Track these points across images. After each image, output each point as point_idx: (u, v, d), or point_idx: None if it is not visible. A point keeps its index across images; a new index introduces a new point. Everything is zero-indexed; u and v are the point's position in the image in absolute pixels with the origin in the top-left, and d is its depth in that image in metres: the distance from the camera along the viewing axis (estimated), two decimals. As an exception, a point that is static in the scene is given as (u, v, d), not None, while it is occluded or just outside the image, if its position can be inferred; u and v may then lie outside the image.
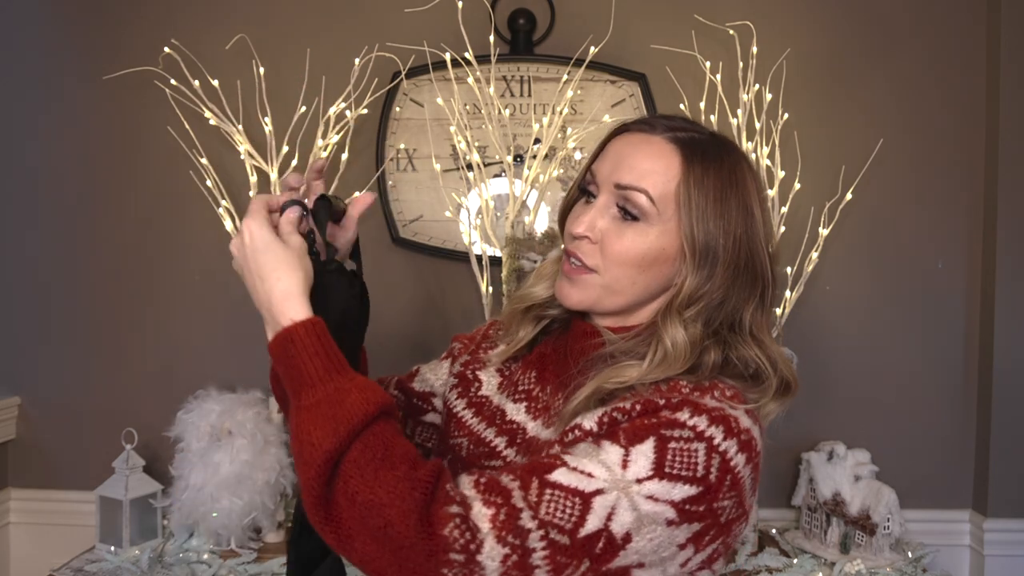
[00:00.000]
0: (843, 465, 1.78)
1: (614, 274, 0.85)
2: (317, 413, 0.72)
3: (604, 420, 0.79)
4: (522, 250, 1.77)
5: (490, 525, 0.70)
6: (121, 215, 1.96)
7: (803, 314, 1.91)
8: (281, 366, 0.76)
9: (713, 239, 0.83)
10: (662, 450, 0.73)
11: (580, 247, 0.87)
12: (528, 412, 0.92)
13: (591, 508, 0.71)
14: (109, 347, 1.97)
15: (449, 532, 0.69)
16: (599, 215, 0.86)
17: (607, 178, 0.87)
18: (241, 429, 1.69)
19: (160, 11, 1.93)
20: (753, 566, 1.70)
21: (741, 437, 0.76)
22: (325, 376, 0.74)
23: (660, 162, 0.84)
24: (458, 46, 1.83)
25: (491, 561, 0.69)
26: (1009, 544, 1.87)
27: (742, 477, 0.76)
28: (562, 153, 1.86)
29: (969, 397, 1.94)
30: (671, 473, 0.72)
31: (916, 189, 1.93)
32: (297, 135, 1.84)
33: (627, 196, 0.84)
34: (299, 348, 0.75)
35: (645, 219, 0.84)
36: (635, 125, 0.89)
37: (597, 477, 0.72)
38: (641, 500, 0.72)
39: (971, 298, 1.93)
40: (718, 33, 1.86)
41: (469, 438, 0.95)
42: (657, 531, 0.72)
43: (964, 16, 1.91)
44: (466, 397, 0.99)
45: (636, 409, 0.78)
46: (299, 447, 0.72)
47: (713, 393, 0.80)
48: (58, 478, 1.97)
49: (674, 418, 0.76)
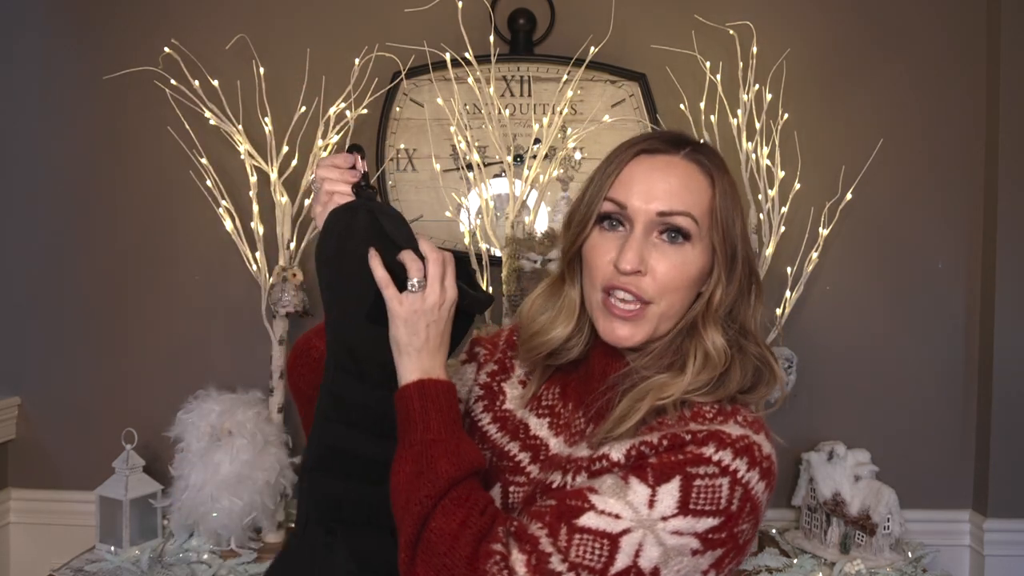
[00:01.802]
0: (843, 465, 1.78)
1: (670, 300, 0.85)
2: (438, 452, 0.81)
3: (632, 453, 0.81)
4: (522, 250, 1.77)
5: (525, 569, 0.74)
6: (121, 215, 1.96)
7: (803, 314, 1.91)
8: (423, 404, 0.84)
9: (735, 243, 0.87)
10: (687, 488, 0.75)
11: (635, 283, 0.85)
12: (551, 428, 0.94)
13: (619, 547, 0.74)
14: (109, 347, 1.97)
15: (489, 567, 0.74)
16: (643, 247, 0.85)
17: (643, 208, 0.85)
18: (241, 429, 1.69)
19: (160, 11, 1.93)
20: (753, 566, 1.70)
21: (763, 465, 0.79)
22: (451, 433, 0.84)
23: (693, 184, 0.86)
24: (458, 46, 1.83)
25: None
26: (1009, 544, 1.87)
27: (761, 502, 0.79)
28: (562, 153, 1.85)
29: (969, 397, 1.94)
30: (695, 509, 0.75)
31: (916, 189, 1.93)
32: (297, 135, 1.84)
33: (673, 222, 0.85)
34: (444, 400, 0.85)
35: (690, 241, 0.85)
36: (646, 147, 0.88)
37: (624, 518, 0.75)
38: (666, 536, 0.74)
39: (971, 298, 1.93)
40: (718, 33, 1.86)
41: (493, 451, 0.96)
42: (684, 562, 0.75)
43: (964, 16, 1.91)
44: (491, 411, 1.00)
45: (663, 444, 0.80)
46: (422, 466, 0.80)
47: (736, 418, 0.82)
48: (58, 478, 1.97)
49: (700, 453, 0.77)
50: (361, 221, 0.88)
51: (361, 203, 0.90)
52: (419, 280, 0.86)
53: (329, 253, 0.89)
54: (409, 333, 0.85)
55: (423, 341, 0.85)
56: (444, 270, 0.87)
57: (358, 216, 0.88)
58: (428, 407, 0.83)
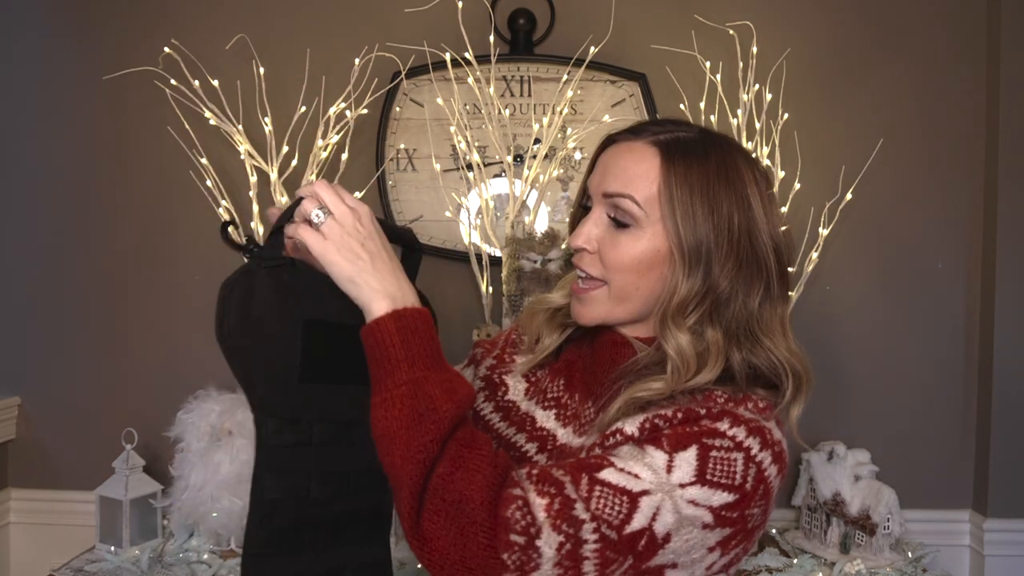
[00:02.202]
0: (843, 465, 1.78)
1: (618, 282, 0.86)
2: (433, 390, 0.74)
3: (646, 426, 0.81)
4: (522, 250, 1.77)
5: (545, 514, 0.71)
6: (121, 215, 1.96)
7: (803, 314, 1.90)
8: (403, 336, 0.76)
9: (703, 236, 0.82)
10: (704, 458, 0.75)
11: (582, 259, 0.89)
12: (558, 419, 0.94)
13: (638, 507, 0.73)
14: (109, 347, 1.97)
15: (511, 513, 0.70)
16: (594, 226, 0.88)
17: (597, 189, 0.88)
18: (241, 429, 1.68)
19: (160, 11, 1.93)
20: (753, 566, 1.70)
21: (775, 448, 0.79)
22: (440, 366, 0.77)
23: (641, 166, 0.84)
24: (458, 46, 1.83)
25: (548, 548, 0.71)
26: (1009, 544, 1.86)
27: (773, 487, 0.79)
28: (562, 153, 1.86)
29: (969, 397, 1.94)
30: (712, 480, 0.75)
31: (916, 189, 1.93)
32: (297, 135, 1.84)
33: (616, 204, 0.86)
34: (425, 330, 0.77)
35: (636, 224, 0.84)
36: (622, 135, 0.90)
37: (644, 479, 0.74)
38: (683, 504, 0.74)
39: (971, 298, 1.93)
40: (718, 33, 1.86)
41: (498, 441, 0.96)
42: (693, 533, 0.75)
43: (964, 16, 1.91)
44: (493, 401, 1.00)
45: (678, 417, 0.80)
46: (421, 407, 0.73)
47: (747, 405, 0.82)
48: (58, 478, 1.97)
49: (715, 427, 0.78)
50: (260, 281, 0.79)
51: (254, 264, 0.80)
52: (320, 209, 0.78)
53: (232, 327, 0.80)
54: (350, 259, 0.76)
55: (370, 260, 0.77)
56: (334, 190, 0.79)
57: (255, 277, 0.79)
58: (409, 340, 0.75)
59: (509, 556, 0.70)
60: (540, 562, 0.71)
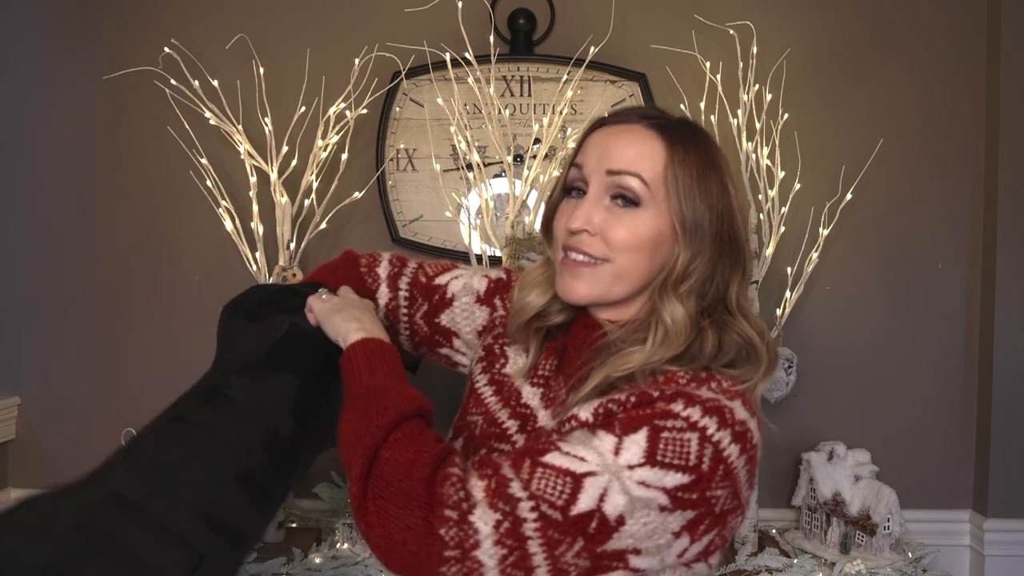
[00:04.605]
0: (843, 465, 1.78)
1: (623, 262, 0.86)
2: (387, 392, 0.83)
3: (600, 411, 0.81)
4: (522, 250, 1.77)
5: (483, 494, 0.74)
6: (121, 215, 1.96)
7: (803, 314, 1.91)
8: (367, 358, 0.87)
9: (700, 215, 0.85)
10: (654, 439, 0.75)
11: (581, 241, 0.88)
12: (543, 400, 0.94)
13: (582, 487, 0.73)
14: (109, 347, 1.97)
15: (446, 489, 0.74)
16: (593, 207, 0.87)
17: (596, 167, 0.88)
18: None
19: (160, 11, 1.93)
20: (753, 566, 1.70)
21: (736, 428, 0.78)
22: (397, 379, 0.87)
23: (645, 146, 0.86)
24: (458, 46, 1.83)
25: (484, 525, 0.72)
26: (1009, 544, 1.87)
27: (735, 468, 0.77)
28: (562, 153, 1.86)
29: (969, 397, 1.94)
30: (663, 461, 0.74)
31: (916, 189, 1.93)
32: (297, 135, 1.84)
33: (620, 182, 0.86)
34: (389, 355, 0.89)
35: (641, 203, 0.86)
36: (610, 119, 0.91)
37: (589, 461, 0.75)
38: (633, 485, 0.74)
39: (971, 298, 1.93)
40: (718, 33, 1.86)
41: (484, 417, 0.96)
42: (651, 516, 0.74)
43: (964, 16, 1.91)
44: (489, 373, 1.01)
45: (631, 401, 0.80)
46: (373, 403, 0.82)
47: (710, 385, 0.81)
48: (58, 478, 1.95)
49: (668, 409, 0.77)
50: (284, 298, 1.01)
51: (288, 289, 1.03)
52: (326, 288, 1.01)
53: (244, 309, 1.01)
54: (345, 319, 0.92)
55: (359, 320, 0.92)
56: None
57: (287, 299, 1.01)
58: (373, 360, 0.86)
59: (446, 531, 0.72)
60: (478, 539, 0.72)
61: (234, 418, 0.89)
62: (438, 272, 1.12)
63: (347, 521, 1.76)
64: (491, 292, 1.09)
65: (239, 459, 0.86)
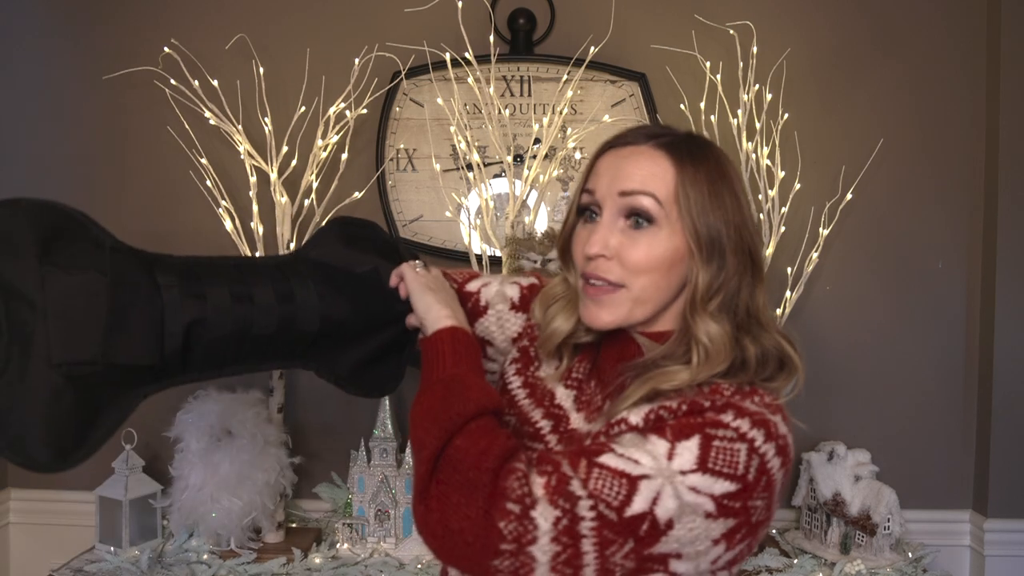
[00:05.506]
0: (843, 465, 1.78)
1: (641, 284, 0.86)
2: (470, 383, 0.86)
3: (650, 417, 0.82)
4: (522, 250, 1.77)
5: (543, 490, 0.75)
6: (121, 215, 1.96)
7: (803, 314, 1.91)
8: (454, 345, 0.91)
9: (715, 231, 0.85)
10: (706, 447, 0.76)
11: (599, 266, 0.88)
12: (576, 402, 0.94)
13: (637, 490, 0.74)
14: (109, 347, 1.96)
15: (510, 483, 0.75)
16: (608, 231, 0.87)
17: (608, 191, 0.88)
18: (241, 429, 1.69)
19: (160, 11, 1.93)
20: (753, 566, 1.70)
21: (779, 442, 0.80)
22: (479, 375, 0.91)
23: (656, 166, 0.87)
24: (458, 46, 1.83)
25: (543, 520, 0.73)
26: (1009, 544, 1.87)
27: (776, 480, 0.80)
28: (562, 153, 1.86)
29: (969, 397, 1.94)
30: (714, 469, 0.76)
31: (916, 189, 1.93)
32: (297, 135, 1.84)
33: (634, 203, 0.86)
34: (474, 349, 0.93)
35: (655, 222, 0.86)
36: (617, 142, 0.92)
37: (643, 464, 0.76)
38: (684, 490, 0.75)
39: (971, 298, 1.93)
40: (718, 33, 1.86)
41: (518, 417, 0.97)
42: (696, 522, 0.75)
43: (964, 16, 1.91)
44: (523, 375, 1.01)
45: (682, 409, 0.81)
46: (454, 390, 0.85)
47: (753, 398, 0.83)
48: (58, 478, 1.96)
49: (718, 419, 0.79)
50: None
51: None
52: (421, 263, 1.03)
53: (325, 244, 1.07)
54: (439, 302, 0.95)
55: (451, 307, 0.95)
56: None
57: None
58: (459, 350, 0.89)
59: (505, 525, 0.73)
60: (536, 535, 0.73)
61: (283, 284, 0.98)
62: (466, 279, 1.12)
63: (347, 521, 1.76)
64: (526, 299, 1.09)
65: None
